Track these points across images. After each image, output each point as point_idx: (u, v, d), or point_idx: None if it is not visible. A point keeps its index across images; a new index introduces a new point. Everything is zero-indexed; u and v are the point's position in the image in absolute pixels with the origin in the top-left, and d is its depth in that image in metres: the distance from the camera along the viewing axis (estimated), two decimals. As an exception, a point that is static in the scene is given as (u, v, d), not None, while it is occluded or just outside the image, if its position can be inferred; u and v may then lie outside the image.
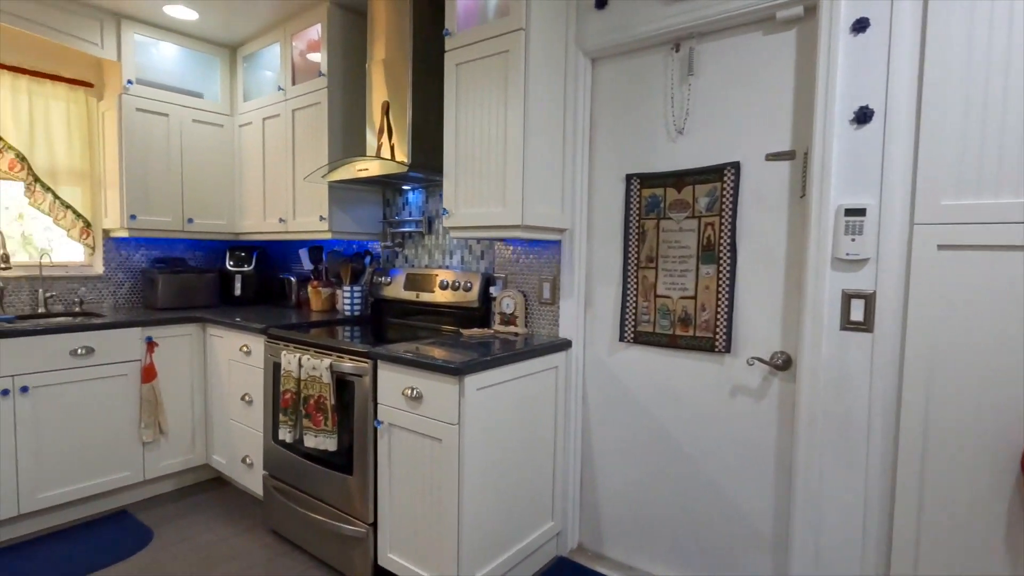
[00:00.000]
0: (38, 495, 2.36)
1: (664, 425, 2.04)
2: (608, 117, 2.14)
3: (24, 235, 2.93)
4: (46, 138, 2.79)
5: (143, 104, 2.86)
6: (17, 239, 2.90)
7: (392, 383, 1.90)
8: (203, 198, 3.12)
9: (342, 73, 2.67)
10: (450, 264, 2.66)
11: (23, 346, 2.30)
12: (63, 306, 2.94)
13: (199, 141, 3.08)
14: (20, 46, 2.72)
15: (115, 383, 2.56)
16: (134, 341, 2.62)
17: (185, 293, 3.06)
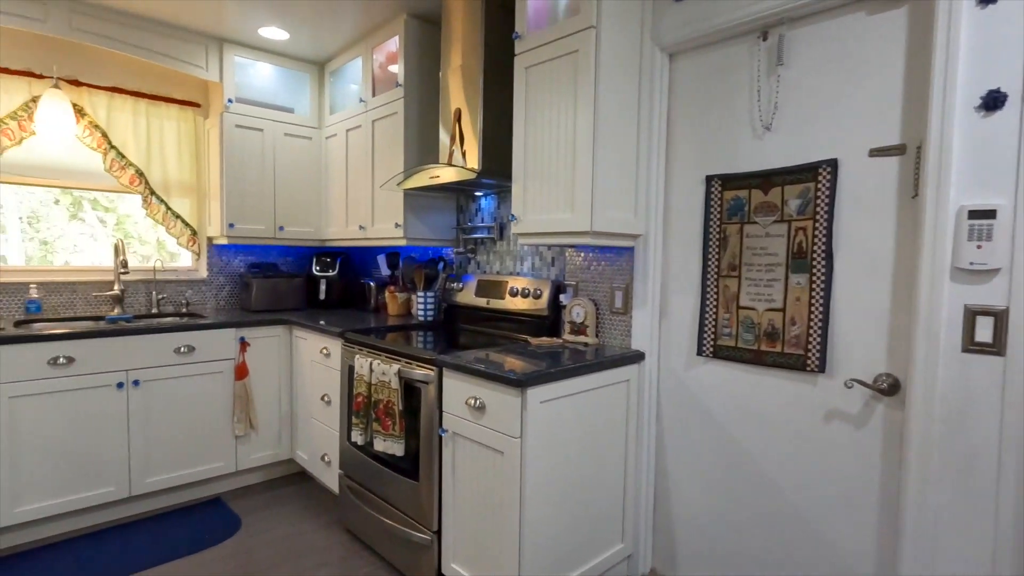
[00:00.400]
0: (146, 479, 2.59)
1: (748, 449, 1.87)
2: (686, 115, 2.00)
3: (159, 240, 3.24)
4: (160, 155, 3.08)
5: (241, 121, 3.08)
6: (153, 244, 3.23)
7: (456, 391, 1.88)
8: (293, 207, 3.31)
9: (417, 83, 2.72)
10: (521, 271, 2.62)
11: (136, 344, 2.54)
12: (172, 307, 3.23)
13: (290, 153, 3.28)
14: (140, 73, 3.03)
15: (212, 380, 2.77)
16: (229, 341, 2.81)
17: (276, 296, 3.26)
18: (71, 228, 2.97)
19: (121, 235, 3.17)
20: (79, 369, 2.39)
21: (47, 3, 2.50)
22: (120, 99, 2.93)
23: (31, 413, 2.29)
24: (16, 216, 2.81)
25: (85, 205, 3.01)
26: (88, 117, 2.85)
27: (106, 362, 2.46)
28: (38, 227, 2.86)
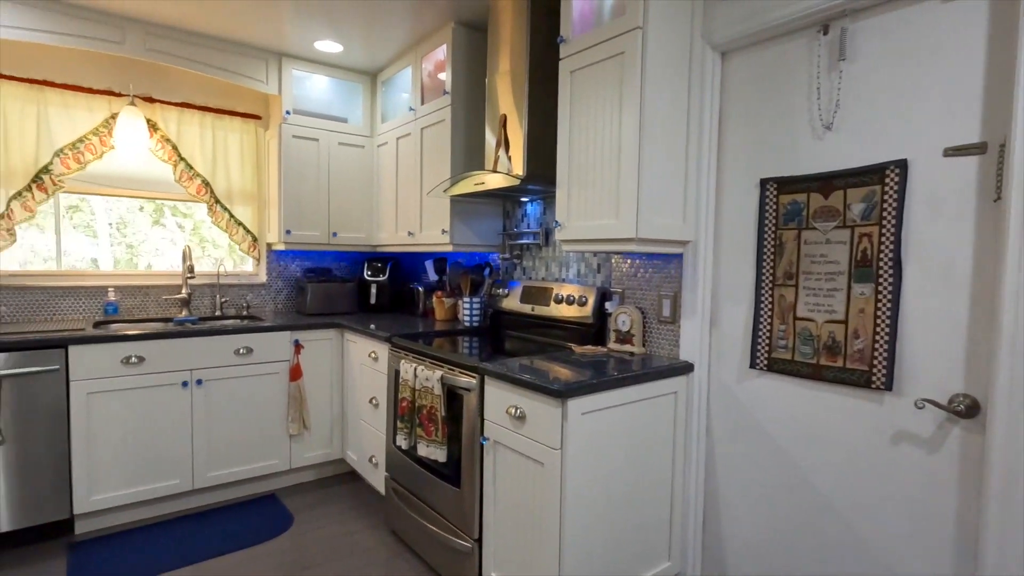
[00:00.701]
0: (208, 473, 2.73)
1: (805, 470, 1.75)
2: (740, 116, 1.91)
3: (230, 244, 3.42)
4: (224, 165, 3.25)
5: (298, 131, 3.20)
6: (224, 247, 3.42)
7: (497, 400, 1.87)
8: (346, 213, 3.41)
9: (464, 90, 2.74)
10: (566, 277, 2.58)
11: (200, 345, 2.68)
12: (234, 310, 3.40)
13: (343, 162, 3.38)
14: (206, 89, 3.21)
15: (268, 380, 2.89)
16: (284, 343, 2.92)
17: (329, 300, 3.36)
18: (153, 233, 3.20)
19: (196, 239, 3.37)
20: (149, 368, 2.55)
21: (125, 26, 2.68)
22: (189, 114, 3.12)
23: (106, 408, 2.46)
24: (106, 222, 3.04)
25: (166, 211, 3.23)
26: (160, 131, 3.04)
27: (173, 362, 2.61)
28: (125, 232, 3.09)
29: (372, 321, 3.08)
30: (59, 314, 2.87)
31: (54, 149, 2.76)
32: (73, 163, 2.81)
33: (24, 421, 2.29)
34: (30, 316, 2.80)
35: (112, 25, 2.65)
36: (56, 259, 2.93)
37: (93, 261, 3.03)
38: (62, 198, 2.93)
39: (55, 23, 2.53)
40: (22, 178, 2.69)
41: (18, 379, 2.27)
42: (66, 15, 2.55)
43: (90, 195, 2.99)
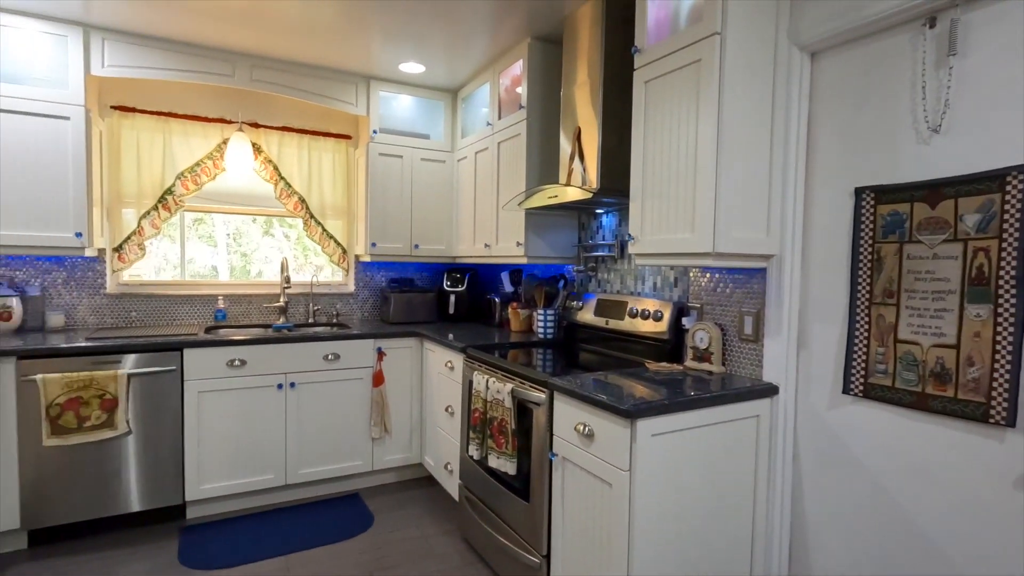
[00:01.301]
0: (299, 471, 2.93)
1: (907, 508, 1.58)
2: (831, 120, 1.77)
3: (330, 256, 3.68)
4: (319, 183, 3.49)
5: (384, 149, 3.37)
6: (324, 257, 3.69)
7: (566, 416, 1.85)
8: (427, 226, 3.54)
9: (540, 104, 2.76)
10: (641, 291, 2.51)
11: (293, 350, 2.89)
12: (325, 317, 3.63)
13: (425, 177, 3.51)
14: (303, 113, 3.47)
15: (353, 385, 3.05)
16: (368, 351, 3.08)
17: (410, 310, 3.50)
18: (263, 242, 3.52)
19: (300, 248, 3.65)
20: (249, 371, 2.79)
21: (234, 61, 2.97)
22: (288, 136, 3.39)
23: (213, 406, 2.72)
24: (224, 233, 3.39)
25: (274, 223, 3.55)
26: (264, 153, 3.33)
27: (270, 365, 2.83)
28: (240, 242, 3.43)
29: (450, 331, 3.16)
30: (178, 319, 3.22)
31: (176, 173, 3.11)
32: (191, 184, 3.15)
33: (148, 415, 2.58)
34: (155, 320, 3.16)
35: (224, 60, 2.95)
36: (181, 267, 3.29)
37: (213, 268, 3.38)
38: (186, 214, 3.29)
39: (178, 62, 2.85)
40: (151, 199, 3.05)
41: (144, 377, 2.57)
42: (187, 54, 2.86)
43: (204, 212, 3.33)
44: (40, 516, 2.41)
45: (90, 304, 3.01)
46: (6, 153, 2.53)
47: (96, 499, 2.50)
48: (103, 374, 2.46)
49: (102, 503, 2.52)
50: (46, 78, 2.63)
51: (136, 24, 2.65)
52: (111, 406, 2.47)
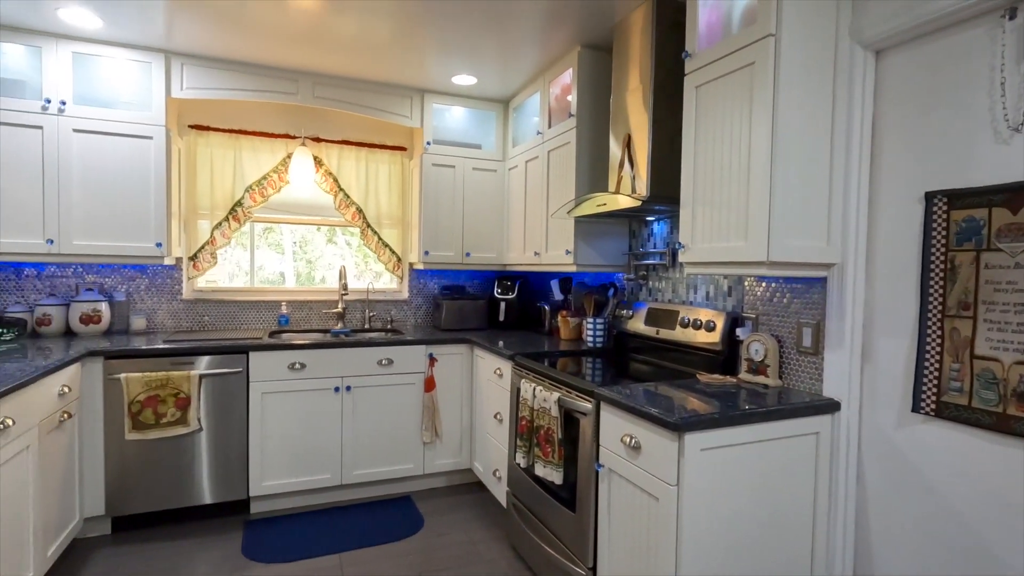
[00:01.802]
0: (354, 471, 3.03)
1: (988, 539, 1.45)
2: (898, 121, 1.67)
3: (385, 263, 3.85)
4: (375, 193, 3.62)
5: (437, 159, 3.46)
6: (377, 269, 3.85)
7: (612, 427, 1.83)
8: (478, 234, 3.59)
9: (589, 112, 2.75)
10: (693, 300, 2.45)
11: (350, 355, 3.00)
12: (380, 323, 3.75)
13: (476, 186, 3.57)
14: (360, 127, 3.62)
15: (406, 390, 3.13)
16: (420, 356, 3.15)
17: (462, 316, 3.56)
18: (327, 250, 3.70)
19: (361, 255, 3.80)
20: (309, 374, 2.92)
21: (298, 79, 3.14)
22: (347, 149, 3.54)
23: (275, 407, 2.86)
24: (291, 241, 3.59)
25: (337, 232, 3.72)
26: (324, 166, 3.49)
27: (328, 369, 2.95)
28: (306, 249, 3.62)
29: (500, 338, 3.19)
30: (245, 323, 3.41)
31: (245, 185, 3.31)
32: (259, 196, 3.34)
33: (217, 414, 2.75)
34: (225, 324, 3.37)
35: (288, 79, 3.12)
36: (251, 274, 3.50)
37: (280, 274, 3.58)
38: (255, 225, 3.49)
39: (247, 82, 3.04)
40: (222, 210, 3.26)
41: (214, 378, 2.74)
42: (255, 74, 3.05)
43: (269, 223, 3.52)
44: (122, 504, 2.61)
45: (168, 309, 3.25)
46: (98, 171, 2.78)
47: (171, 491, 2.69)
48: (178, 374, 2.64)
49: (176, 495, 2.70)
50: (132, 101, 2.87)
51: (211, 48, 2.85)
52: (184, 404, 2.65)
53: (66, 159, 2.72)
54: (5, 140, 2.62)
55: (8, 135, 2.63)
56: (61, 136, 2.71)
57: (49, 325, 2.87)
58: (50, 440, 2.17)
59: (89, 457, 2.55)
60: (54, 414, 2.19)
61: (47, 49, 2.68)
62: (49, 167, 2.70)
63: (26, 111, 2.65)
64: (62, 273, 3.04)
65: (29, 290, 2.99)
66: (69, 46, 2.71)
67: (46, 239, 2.70)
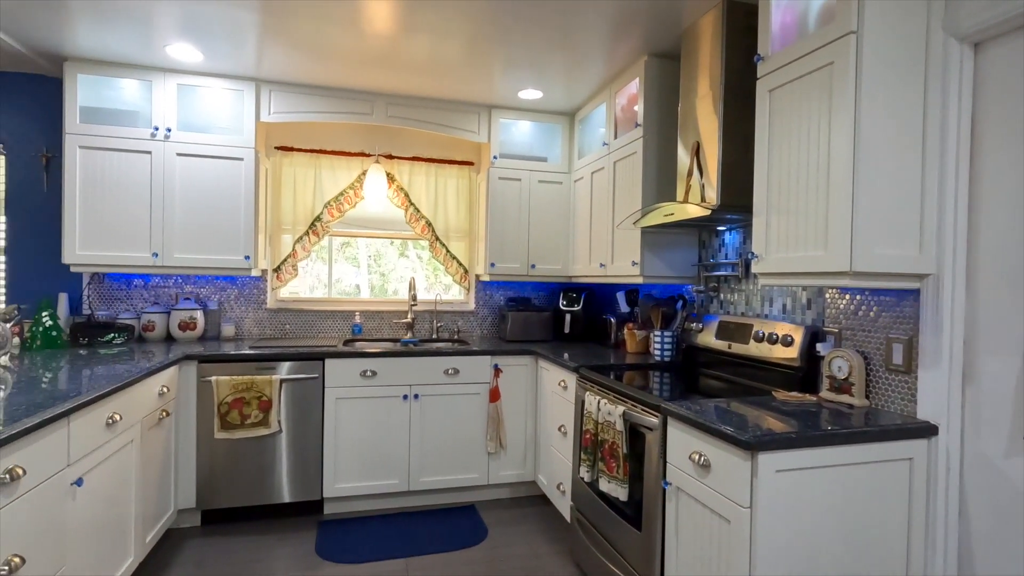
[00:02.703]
0: (420, 478, 3.10)
1: (1121, 590, 1.27)
2: (1003, 117, 1.52)
3: (453, 275, 3.98)
4: (444, 207, 3.73)
5: (503, 173, 3.52)
6: (445, 281, 3.97)
7: (680, 443, 1.76)
8: (543, 246, 3.61)
9: (657, 121, 2.71)
10: (769, 313, 2.33)
11: (418, 364, 3.09)
12: (447, 334, 3.83)
13: (542, 198, 3.60)
14: (430, 144, 3.75)
15: (471, 400, 3.18)
16: (486, 367, 3.19)
17: (527, 328, 3.57)
18: (399, 263, 3.86)
19: (431, 268, 3.93)
20: (379, 381, 3.03)
21: (372, 100, 3.31)
22: (417, 166, 3.67)
23: (348, 413, 2.99)
24: (366, 255, 3.78)
25: (409, 246, 3.88)
26: (396, 182, 3.64)
27: (397, 377, 3.05)
28: (380, 263, 3.80)
29: (565, 350, 3.18)
30: (322, 332, 3.60)
31: (324, 201, 3.51)
32: (336, 212, 3.53)
33: (295, 417, 2.91)
34: (304, 332, 3.57)
35: (364, 100, 3.29)
36: (328, 286, 3.70)
37: (356, 286, 3.76)
38: (333, 240, 3.70)
39: (327, 105, 3.24)
40: (303, 225, 3.47)
41: (293, 383, 2.90)
42: (334, 97, 3.25)
43: (345, 237, 3.71)
44: (211, 499, 2.81)
45: (254, 317, 3.48)
46: (196, 190, 3.04)
47: (253, 488, 2.86)
48: (261, 379, 2.82)
49: (258, 492, 2.87)
50: (227, 127, 3.14)
51: (295, 75, 3.07)
52: (267, 407, 2.83)
53: (170, 180, 3.00)
54: (120, 165, 2.94)
55: (123, 160, 2.94)
56: (167, 160, 3.00)
57: (153, 331, 3.16)
58: (151, 435, 2.38)
59: (183, 453, 2.77)
60: (155, 411, 2.40)
61: (156, 82, 2.98)
62: (156, 188, 2.99)
63: (138, 138, 2.95)
64: (164, 284, 3.35)
65: (137, 299, 3.31)
66: (175, 79, 3.00)
67: (152, 252, 2.98)
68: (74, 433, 1.70)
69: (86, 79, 2.95)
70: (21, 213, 3.12)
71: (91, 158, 2.91)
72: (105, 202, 2.93)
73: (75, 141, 2.88)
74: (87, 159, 2.90)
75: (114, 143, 2.93)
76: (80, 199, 2.90)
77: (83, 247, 2.91)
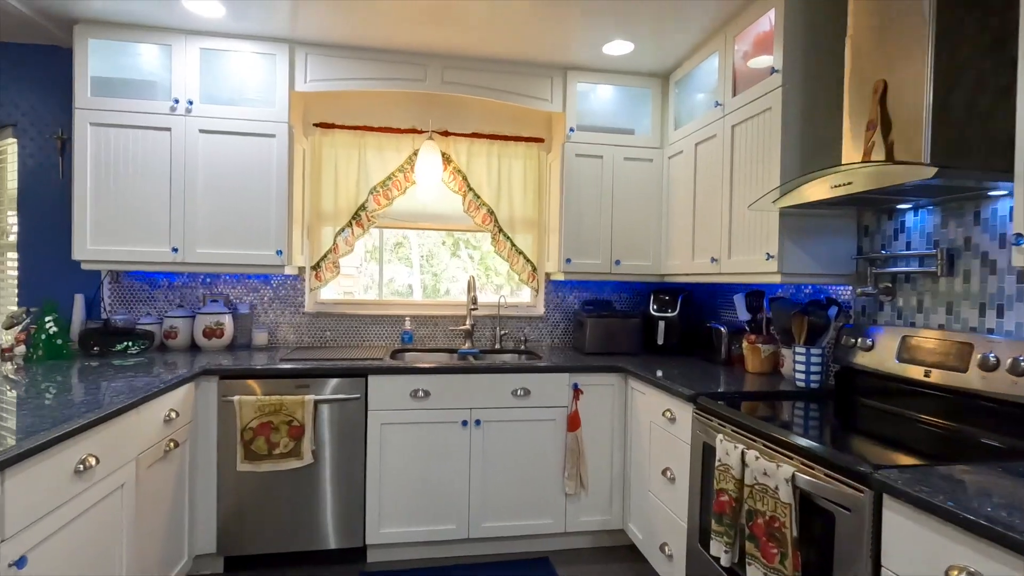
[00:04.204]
0: (482, 523, 2.52)
1: None
2: None
3: (508, 272, 3.39)
4: (508, 193, 3.14)
5: (581, 149, 2.89)
6: (504, 275, 3.39)
7: (913, 540, 1.09)
8: (630, 238, 2.95)
9: (802, 66, 2.01)
10: (999, 328, 1.59)
11: (480, 382, 2.50)
12: (512, 343, 3.24)
13: (628, 179, 2.95)
14: (492, 118, 3.16)
15: (544, 428, 2.57)
16: (563, 387, 2.57)
17: (609, 338, 2.93)
18: (452, 263, 3.32)
19: (483, 268, 3.37)
20: (433, 403, 2.47)
21: (425, 64, 2.75)
22: (477, 144, 3.09)
23: (396, 441, 2.44)
24: (418, 255, 3.26)
25: (461, 245, 3.33)
26: (453, 163, 3.07)
27: (455, 399, 2.48)
28: (432, 263, 3.27)
29: (659, 365, 2.52)
30: (368, 339, 3.08)
31: (369, 187, 2.99)
32: (383, 199, 3.01)
33: (332, 446, 2.39)
34: (347, 339, 3.06)
35: (415, 64, 2.74)
36: (379, 286, 3.19)
37: (408, 287, 3.25)
38: (388, 236, 3.18)
39: (372, 70, 2.71)
40: (345, 215, 2.97)
41: (329, 405, 2.38)
42: (380, 61, 2.71)
43: (393, 228, 3.18)
44: (234, 544, 2.33)
45: (290, 322, 3.01)
46: (221, 174, 2.58)
47: (283, 532, 2.36)
48: (292, 399, 2.31)
49: (289, 537, 2.36)
50: (256, 98, 2.66)
51: (335, 34, 2.55)
52: (298, 434, 2.32)
53: (192, 162, 2.55)
54: (136, 144, 2.51)
55: (139, 139, 2.51)
56: (188, 137, 2.55)
57: (175, 338, 2.72)
58: (152, 474, 1.90)
59: (201, 489, 2.29)
60: (158, 444, 1.92)
61: (176, 47, 2.53)
62: (176, 170, 2.54)
63: (156, 112, 2.51)
64: (191, 284, 2.92)
65: (161, 301, 2.89)
66: (197, 42, 2.55)
67: (171, 247, 2.54)
68: (10, 495, 1.20)
69: (98, 44, 2.53)
70: (35, 204, 2.75)
71: (103, 137, 2.49)
72: (119, 188, 2.50)
73: (86, 117, 2.47)
74: (99, 138, 2.49)
75: (129, 119, 2.50)
76: (91, 185, 2.49)
77: (95, 241, 2.50)
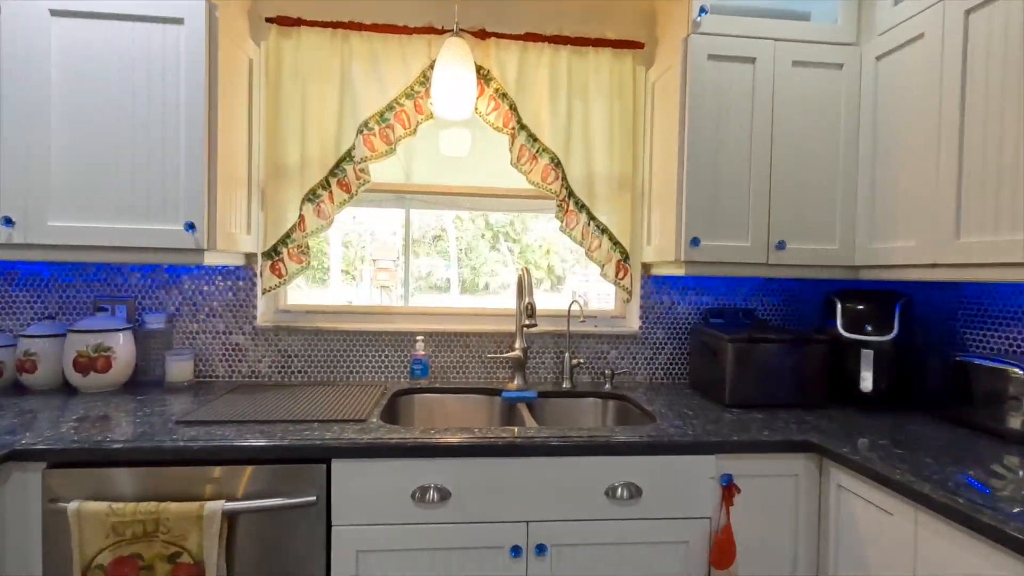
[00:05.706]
0: None
1: None
2: None
3: (549, 266, 2.27)
4: (582, 134, 1.91)
5: (717, 45, 1.64)
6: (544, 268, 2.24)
7: None
8: (802, 206, 1.69)
9: None
10: None
11: (543, 471, 1.30)
12: (590, 377, 2.02)
13: (799, 99, 1.68)
14: (557, 9, 1.93)
15: (667, 558, 1.34)
16: (701, 479, 1.34)
17: (764, 377, 1.67)
18: (491, 256, 2.17)
19: (522, 262, 2.19)
20: (456, 512, 1.28)
21: None
22: (535, 52, 1.88)
23: (383, 586, 1.27)
24: (455, 248, 2.12)
25: (500, 237, 2.17)
26: (495, 83, 1.87)
27: (495, 503, 1.29)
28: (471, 256, 2.14)
29: (864, 431, 1.26)
30: (357, 372, 1.93)
31: (357, 123, 1.82)
32: (380, 142, 1.84)
33: (262, 592, 1.24)
34: (325, 372, 1.92)
35: None
36: (404, 285, 2.08)
37: (447, 280, 2.10)
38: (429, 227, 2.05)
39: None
40: (319, 169, 1.81)
41: (255, 518, 1.23)
42: None
43: (393, 191, 2.02)
44: None
45: (232, 344, 1.88)
46: (86, 89, 1.47)
47: None
48: (179, 510, 1.17)
49: None
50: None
51: None
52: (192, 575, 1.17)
53: (37, 67, 1.45)
54: (-65, 33, 1.42)
55: (-59, 24, 1.42)
56: (29, 23, 1.44)
57: (33, 371, 1.63)
58: None
59: None
60: None
61: None
62: (5, 83, 1.44)
63: (-32, -24, 1.41)
64: (77, 281, 1.83)
65: (24, 307, 1.81)
66: None
67: (0, 216, 1.44)
68: None
69: None
70: None
71: None
72: (-91, 112, 1.43)
73: None
74: None
75: (-77, -11, 1.41)
76: None
77: None
